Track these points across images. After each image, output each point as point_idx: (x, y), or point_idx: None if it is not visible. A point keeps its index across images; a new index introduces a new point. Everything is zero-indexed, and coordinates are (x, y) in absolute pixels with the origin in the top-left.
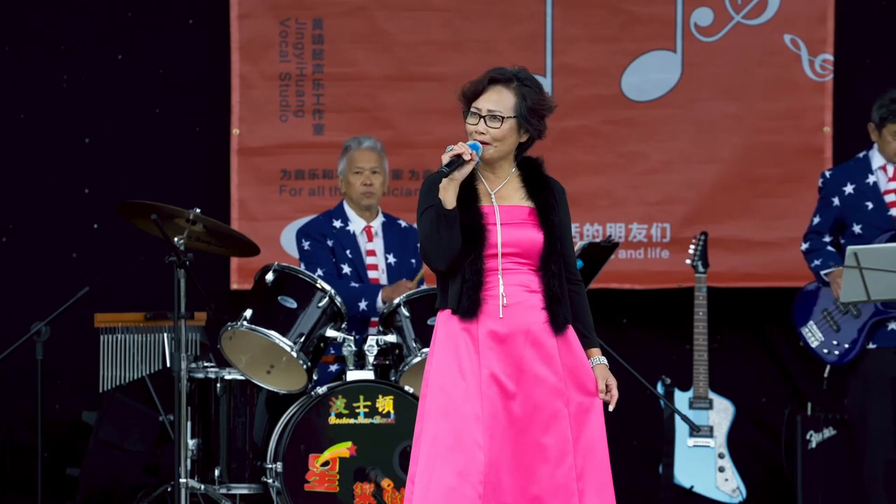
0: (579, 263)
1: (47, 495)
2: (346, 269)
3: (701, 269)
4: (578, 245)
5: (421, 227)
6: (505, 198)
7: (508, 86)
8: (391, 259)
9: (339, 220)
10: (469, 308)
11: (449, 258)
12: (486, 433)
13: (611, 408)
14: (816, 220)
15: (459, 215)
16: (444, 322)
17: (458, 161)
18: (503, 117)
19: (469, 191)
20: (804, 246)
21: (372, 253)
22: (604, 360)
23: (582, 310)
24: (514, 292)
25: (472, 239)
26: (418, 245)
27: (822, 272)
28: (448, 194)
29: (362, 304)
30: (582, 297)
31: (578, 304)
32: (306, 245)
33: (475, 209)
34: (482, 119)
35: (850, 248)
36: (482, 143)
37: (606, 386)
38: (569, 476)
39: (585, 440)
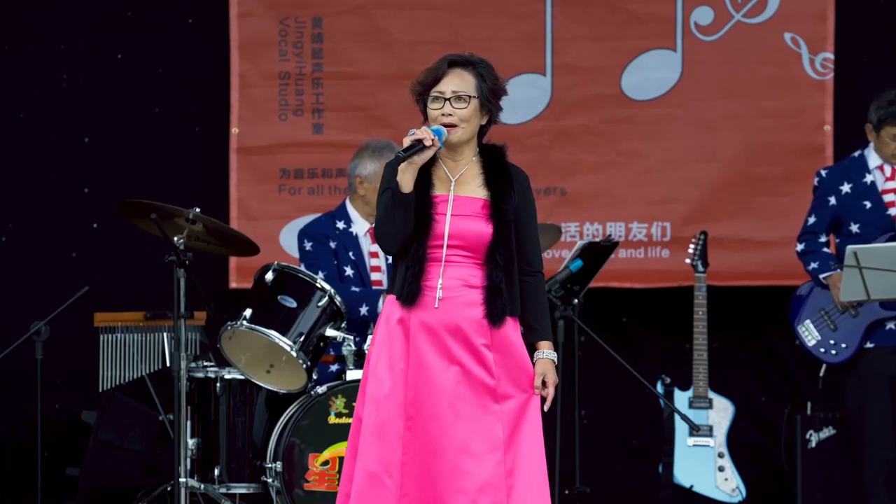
0: (579, 263)
1: (47, 495)
2: (349, 271)
3: (701, 268)
4: (578, 244)
5: (378, 208)
6: (463, 185)
7: (467, 68)
8: None
9: (342, 222)
10: (408, 296)
11: (400, 241)
12: (408, 424)
13: (546, 406)
14: (812, 219)
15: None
16: (388, 306)
17: (417, 146)
18: (469, 97)
19: (426, 177)
20: (799, 247)
21: (375, 255)
22: (550, 354)
23: (533, 301)
24: (452, 286)
25: (418, 227)
26: None
27: (821, 276)
28: (405, 178)
29: (363, 309)
30: (535, 288)
31: (530, 295)
32: (308, 246)
33: (428, 197)
34: (447, 101)
35: (850, 248)
36: (449, 125)
37: (543, 382)
38: (495, 472)
39: (518, 437)
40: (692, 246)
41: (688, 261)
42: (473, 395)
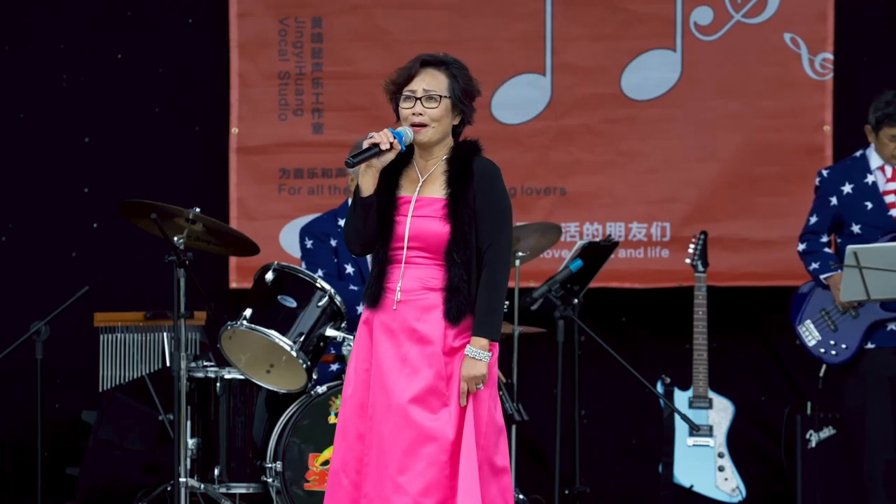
0: (579, 263)
1: (47, 495)
2: (350, 269)
3: (701, 268)
4: (578, 244)
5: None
6: (428, 185)
7: (439, 68)
8: None
9: (344, 220)
10: (372, 298)
11: (361, 244)
12: (369, 425)
13: (462, 402)
14: (813, 219)
15: (376, 202)
16: (364, 307)
17: (373, 150)
18: (440, 96)
19: (396, 178)
20: (801, 247)
21: None
22: (475, 352)
23: (478, 295)
24: (411, 288)
25: (381, 229)
26: None
27: (822, 276)
28: (365, 181)
29: (361, 308)
30: (483, 283)
31: (477, 289)
32: (309, 244)
33: (392, 199)
34: (418, 101)
35: (850, 248)
36: (420, 125)
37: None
38: (440, 476)
39: (462, 438)
40: (692, 246)
41: (688, 261)
42: (424, 397)
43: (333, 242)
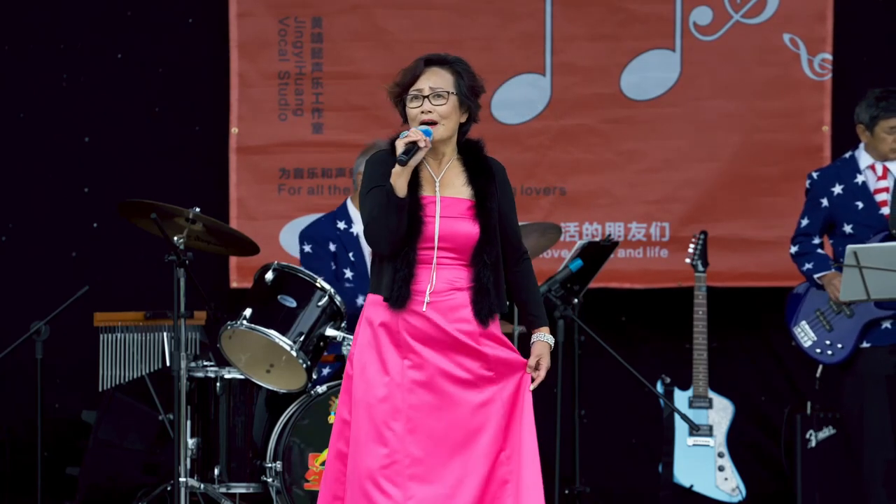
0: (579, 263)
1: (47, 495)
2: (348, 273)
3: (700, 268)
4: (578, 244)
5: (366, 208)
6: (447, 185)
7: (443, 66)
8: None
9: (343, 222)
10: (399, 299)
11: (394, 243)
12: (408, 426)
13: (532, 386)
14: (805, 221)
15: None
16: (372, 307)
17: (413, 148)
18: (447, 93)
19: (414, 178)
20: (793, 249)
21: None
22: (548, 338)
23: (528, 288)
24: (441, 289)
25: (409, 229)
26: None
27: (816, 276)
28: (401, 181)
29: (360, 300)
30: (527, 276)
31: (523, 284)
32: (307, 248)
33: (416, 199)
34: (426, 99)
35: (850, 247)
36: (429, 122)
37: (538, 363)
38: (500, 465)
39: (514, 423)
40: (692, 246)
41: (688, 260)
42: (465, 393)
43: (332, 247)
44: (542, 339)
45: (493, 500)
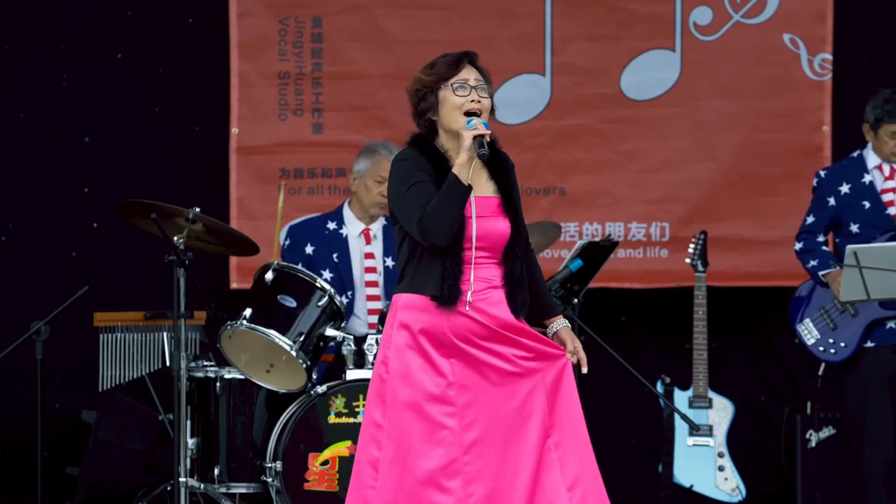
0: (579, 263)
1: (47, 495)
2: (327, 273)
3: (700, 268)
4: (578, 244)
5: (413, 202)
6: (474, 183)
7: (479, 69)
8: (389, 262)
9: (334, 223)
10: (449, 298)
11: (452, 234)
12: (462, 424)
13: (584, 369)
14: (810, 219)
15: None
16: (407, 311)
17: (484, 140)
18: (487, 89)
19: (443, 175)
20: (798, 246)
21: (370, 256)
22: (567, 322)
23: (538, 279)
24: (479, 288)
25: None
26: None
27: (821, 273)
28: (465, 172)
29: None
30: (534, 267)
31: (533, 275)
32: (286, 244)
33: None
34: (473, 89)
35: (850, 247)
36: (474, 113)
37: (574, 347)
38: (547, 452)
39: (560, 409)
40: (692, 246)
41: (688, 260)
42: (514, 382)
43: (309, 249)
44: (565, 324)
45: (545, 487)
